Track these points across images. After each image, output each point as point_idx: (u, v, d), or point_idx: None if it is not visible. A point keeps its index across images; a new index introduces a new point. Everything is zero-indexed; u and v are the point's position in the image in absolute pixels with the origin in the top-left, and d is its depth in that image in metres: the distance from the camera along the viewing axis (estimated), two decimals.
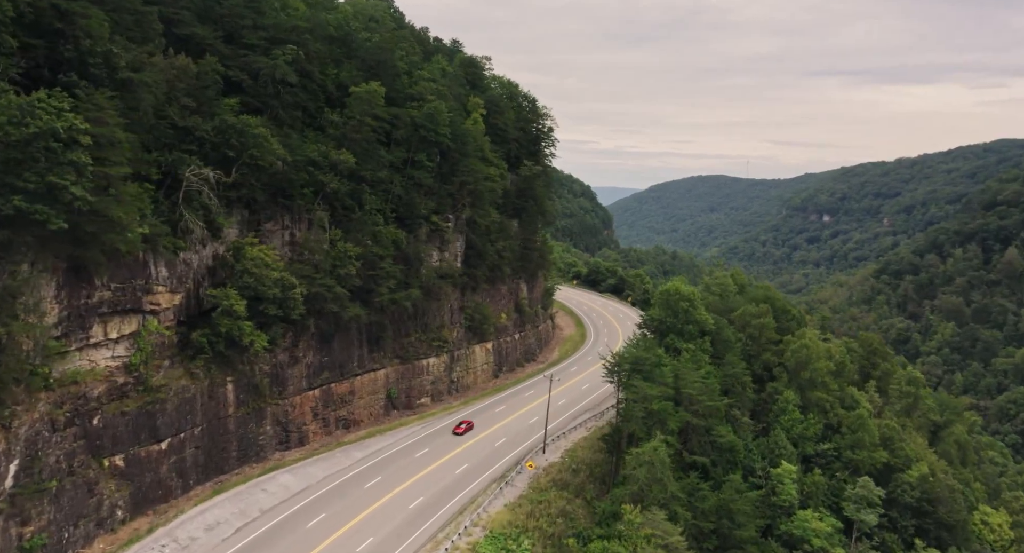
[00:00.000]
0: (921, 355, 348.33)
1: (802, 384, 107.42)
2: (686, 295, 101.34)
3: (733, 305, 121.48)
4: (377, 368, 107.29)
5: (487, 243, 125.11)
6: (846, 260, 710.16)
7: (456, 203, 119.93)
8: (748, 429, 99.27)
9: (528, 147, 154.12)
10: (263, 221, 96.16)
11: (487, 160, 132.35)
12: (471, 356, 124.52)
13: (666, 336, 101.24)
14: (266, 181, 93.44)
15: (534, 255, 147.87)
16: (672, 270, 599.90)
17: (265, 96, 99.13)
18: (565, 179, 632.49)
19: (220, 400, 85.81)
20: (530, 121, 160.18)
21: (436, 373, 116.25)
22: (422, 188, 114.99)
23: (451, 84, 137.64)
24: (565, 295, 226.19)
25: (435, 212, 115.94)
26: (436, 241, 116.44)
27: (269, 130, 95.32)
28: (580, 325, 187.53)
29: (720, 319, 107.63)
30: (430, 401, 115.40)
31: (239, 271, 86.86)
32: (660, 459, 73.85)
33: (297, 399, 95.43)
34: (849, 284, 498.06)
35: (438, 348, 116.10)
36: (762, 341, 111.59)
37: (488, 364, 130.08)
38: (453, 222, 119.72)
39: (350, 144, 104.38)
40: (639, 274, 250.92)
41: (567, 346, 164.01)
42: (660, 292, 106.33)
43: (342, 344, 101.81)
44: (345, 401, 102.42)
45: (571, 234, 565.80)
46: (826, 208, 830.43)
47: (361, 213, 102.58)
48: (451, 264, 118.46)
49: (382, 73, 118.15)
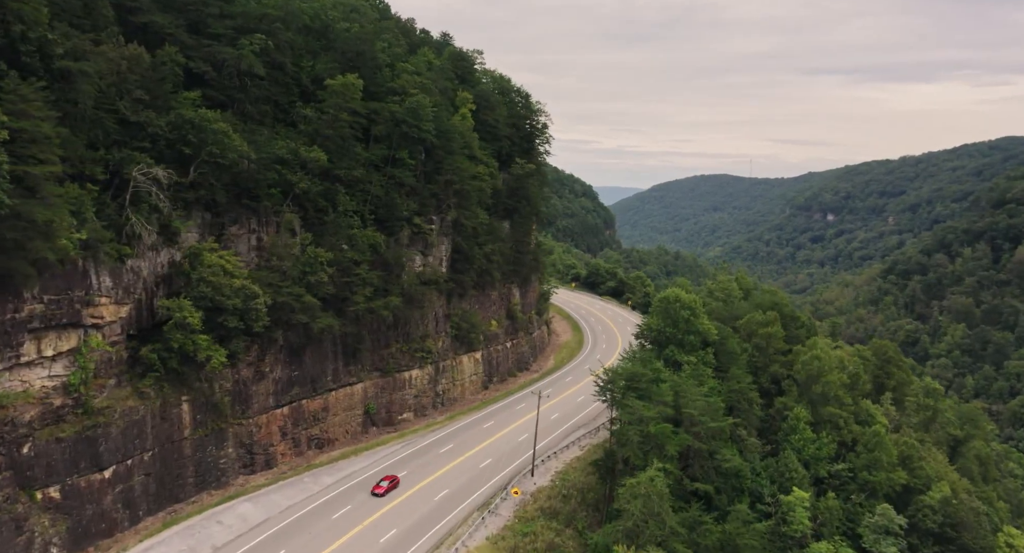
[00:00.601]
0: (930, 358, 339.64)
1: (813, 399, 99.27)
2: (687, 303, 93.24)
3: (738, 312, 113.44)
4: (354, 382, 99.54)
5: (475, 246, 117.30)
6: (851, 259, 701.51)
7: (441, 204, 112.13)
8: (755, 450, 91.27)
9: (521, 145, 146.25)
10: (227, 224, 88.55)
11: (475, 158, 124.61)
12: (458, 367, 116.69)
13: (665, 348, 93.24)
14: (229, 181, 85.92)
15: (527, 258, 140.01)
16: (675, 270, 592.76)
17: (230, 89, 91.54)
18: (566, 179, 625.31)
19: (174, 421, 78.07)
20: (523, 117, 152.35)
21: (419, 386, 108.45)
22: (403, 188, 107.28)
23: (437, 78, 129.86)
24: (563, 298, 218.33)
25: (418, 214, 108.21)
26: (419, 245, 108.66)
27: (234, 126, 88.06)
28: (577, 330, 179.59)
29: (724, 328, 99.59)
30: (413, 416, 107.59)
31: (195, 280, 79.17)
32: (657, 491, 66.00)
33: (263, 418, 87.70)
34: (855, 284, 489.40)
35: (421, 359, 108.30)
36: (770, 352, 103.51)
37: (477, 375, 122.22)
38: (438, 224, 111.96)
39: (323, 141, 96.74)
40: (640, 276, 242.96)
41: (563, 353, 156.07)
42: (658, 300, 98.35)
43: (314, 357, 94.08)
44: (318, 419, 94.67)
45: (572, 234, 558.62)
46: (830, 207, 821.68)
47: (334, 215, 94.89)
48: (435, 269, 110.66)
49: (361, 65, 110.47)
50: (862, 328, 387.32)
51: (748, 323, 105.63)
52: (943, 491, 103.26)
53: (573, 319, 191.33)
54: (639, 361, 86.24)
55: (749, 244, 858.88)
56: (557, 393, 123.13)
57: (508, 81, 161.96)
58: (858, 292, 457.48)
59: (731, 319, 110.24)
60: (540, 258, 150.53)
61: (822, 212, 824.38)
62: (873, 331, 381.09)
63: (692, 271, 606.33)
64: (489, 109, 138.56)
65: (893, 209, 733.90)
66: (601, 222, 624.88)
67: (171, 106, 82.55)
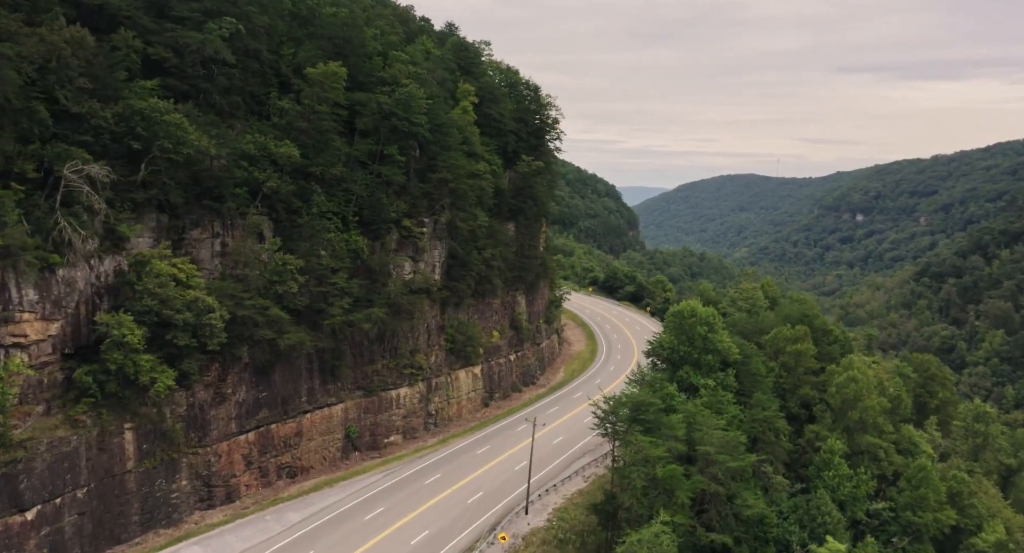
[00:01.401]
0: (968, 365, 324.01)
1: (850, 426, 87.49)
2: (704, 317, 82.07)
3: (763, 325, 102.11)
4: (332, 403, 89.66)
5: (472, 251, 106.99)
6: (881, 261, 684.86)
7: (434, 204, 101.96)
8: (783, 489, 79.90)
9: (528, 141, 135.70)
10: (188, 228, 79.11)
11: (475, 155, 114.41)
12: (454, 383, 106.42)
13: (679, 368, 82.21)
14: (187, 179, 76.53)
15: (534, 263, 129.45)
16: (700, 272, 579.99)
17: (195, 79, 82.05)
18: (589, 179, 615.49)
19: (115, 452, 68.57)
20: (532, 112, 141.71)
21: (409, 406, 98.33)
22: (391, 187, 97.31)
23: (435, 68, 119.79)
24: (579, 304, 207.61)
25: (408, 215, 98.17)
26: (408, 249, 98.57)
27: (194, 118, 78.72)
28: (592, 339, 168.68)
29: (747, 345, 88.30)
30: (401, 439, 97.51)
31: (139, 291, 69.63)
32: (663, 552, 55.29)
33: (224, 446, 78.00)
34: (886, 287, 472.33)
35: (411, 376, 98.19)
36: (799, 372, 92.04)
37: (476, 392, 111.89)
38: (430, 227, 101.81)
39: (298, 135, 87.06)
40: (660, 280, 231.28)
41: (574, 365, 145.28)
42: (672, 314, 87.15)
43: (286, 376, 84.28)
44: (289, 445, 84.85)
45: (595, 235, 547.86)
46: (859, 207, 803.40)
47: (309, 217, 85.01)
48: (427, 276, 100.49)
49: (348, 53, 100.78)
50: (895, 333, 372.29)
51: (775, 339, 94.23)
52: (997, 532, 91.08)
53: (588, 327, 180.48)
54: (647, 386, 75.45)
55: (776, 245, 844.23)
56: (563, 412, 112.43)
57: (516, 73, 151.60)
58: (890, 295, 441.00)
59: (756, 333, 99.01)
60: (549, 263, 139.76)
61: (851, 212, 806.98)
62: (906, 337, 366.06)
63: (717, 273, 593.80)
64: (493, 102, 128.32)
65: (925, 209, 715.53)
66: (624, 223, 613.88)
67: (122, 96, 73.40)
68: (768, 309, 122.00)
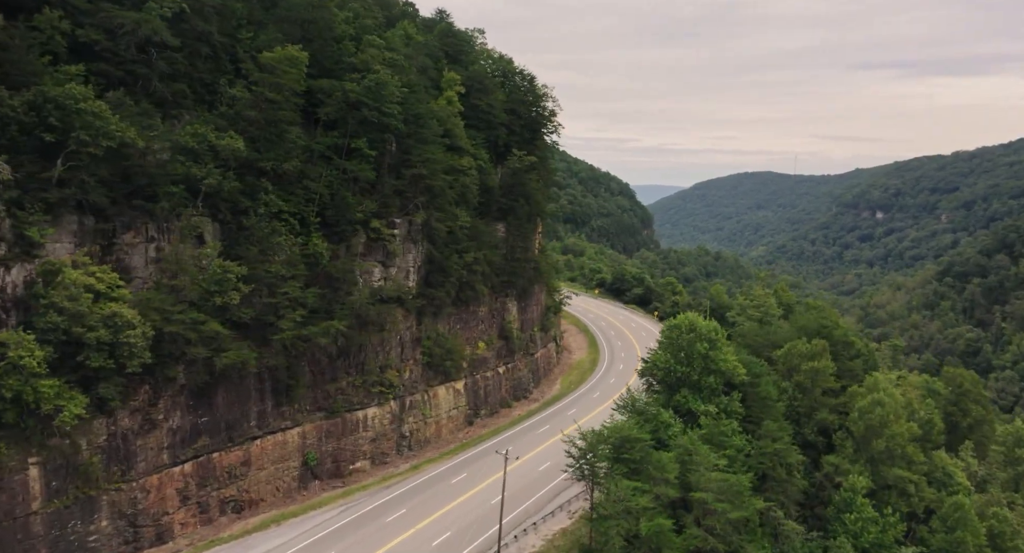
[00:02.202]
0: (994, 369, 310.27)
1: (874, 457, 76.19)
2: (704, 332, 71.36)
3: (776, 337, 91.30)
4: (287, 427, 79.90)
5: (453, 254, 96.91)
6: (902, 259, 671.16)
7: (407, 204, 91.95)
8: (797, 537, 69.02)
9: (522, 134, 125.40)
10: (118, 232, 69.62)
11: (459, 149, 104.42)
12: (431, 402, 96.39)
13: (676, 392, 71.61)
14: (114, 177, 67.18)
15: (527, 267, 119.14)
16: (715, 272, 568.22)
17: (131, 64, 72.55)
18: (602, 177, 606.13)
19: (16, 491, 59.09)
20: (527, 103, 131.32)
21: (378, 428, 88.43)
22: (358, 184, 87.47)
23: (416, 55, 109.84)
24: (583, 307, 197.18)
25: (377, 215, 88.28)
26: (378, 254, 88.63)
27: (128, 108, 69.34)
28: (593, 346, 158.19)
29: (756, 363, 77.46)
30: (369, 465, 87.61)
31: (44, 305, 60.14)
32: None
33: (153, 480, 68.37)
34: (907, 287, 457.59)
35: (381, 395, 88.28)
36: (816, 393, 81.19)
37: (458, 409, 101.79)
38: (404, 228, 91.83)
39: (247, 126, 77.37)
40: (670, 282, 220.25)
41: (572, 376, 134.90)
42: (667, 328, 76.33)
43: (231, 398, 74.57)
44: (235, 475, 75.12)
45: (608, 235, 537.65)
46: (879, 204, 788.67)
47: (257, 218, 75.21)
48: (400, 284, 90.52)
49: (314, 37, 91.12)
50: (917, 336, 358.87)
51: (788, 355, 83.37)
52: None
53: (591, 332, 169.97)
54: (637, 414, 65.09)
55: (794, 243, 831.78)
56: (554, 431, 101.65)
57: (509, 62, 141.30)
58: (911, 296, 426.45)
59: (767, 347, 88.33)
60: (543, 266, 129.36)
61: (871, 210, 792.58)
62: (929, 339, 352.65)
63: (733, 272, 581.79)
64: (483, 93, 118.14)
65: (946, 206, 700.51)
66: (638, 221, 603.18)
67: (36, 83, 64.14)
68: (782, 317, 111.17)
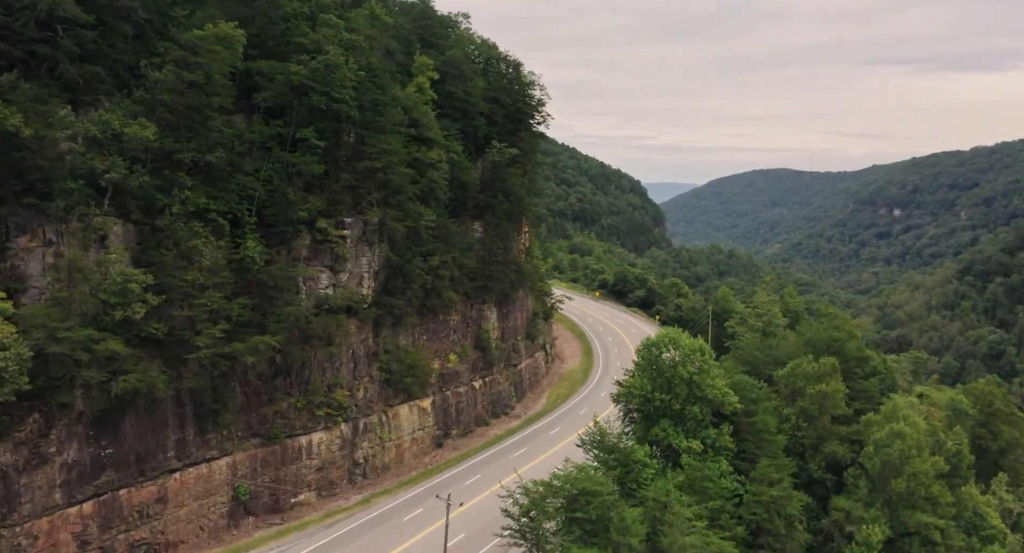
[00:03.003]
0: (1018, 373, 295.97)
1: (893, 499, 64.47)
2: (689, 351, 60.09)
3: (779, 352, 79.81)
4: (213, 457, 69.63)
5: (415, 257, 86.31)
6: (920, 257, 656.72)
7: (360, 201, 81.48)
8: None
9: (504, 125, 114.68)
10: (12, 234, 59.82)
11: (427, 140, 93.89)
12: (390, 423, 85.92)
13: (655, 423, 60.53)
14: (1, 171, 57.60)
15: (507, 270, 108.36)
16: (728, 270, 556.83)
17: (32, 43, 62.62)
18: (612, 174, 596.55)
19: None
20: (512, 92, 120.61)
21: (325, 455, 78.00)
22: (302, 178, 77.11)
23: (381, 36, 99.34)
24: (581, 311, 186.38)
25: (325, 214, 77.87)
26: (325, 258, 78.18)
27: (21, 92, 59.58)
28: (588, 353, 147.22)
29: (752, 386, 65.63)
30: (315, 497, 77.22)
31: None
32: None
33: (43, 522, 58.21)
34: (926, 286, 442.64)
35: (328, 418, 77.88)
36: (824, 422, 69.51)
37: (424, 430, 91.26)
38: (358, 228, 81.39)
39: (165, 112, 67.22)
40: (675, 283, 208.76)
41: (561, 389, 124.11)
42: (643, 347, 65.02)
43: (142, 426, 64.38)
44: (148, 515, 64.86)
45: (618, 233, 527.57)
46: (896, 201, 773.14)
47: (171, 218, 64.95)
48: (352, 291, 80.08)
49: (258, 14, 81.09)
50: (937, 337, 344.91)
51: (792, 376, 71.91)
52: None
53: (586, 338, 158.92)
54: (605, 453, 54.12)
55: (810, 241, 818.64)
56: (532, 454, 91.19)
57: (494, 48, 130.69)
58: (930, 295, 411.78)
59: (769, 364, 77.00)
60: (527, 269, 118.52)
61: (888, 207, 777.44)
62: (950, 341, 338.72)
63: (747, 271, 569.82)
64: (460, 80, 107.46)
65: (965, 203, 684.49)
66: (649, 219, 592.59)
67: None
68: (788, 327, 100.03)
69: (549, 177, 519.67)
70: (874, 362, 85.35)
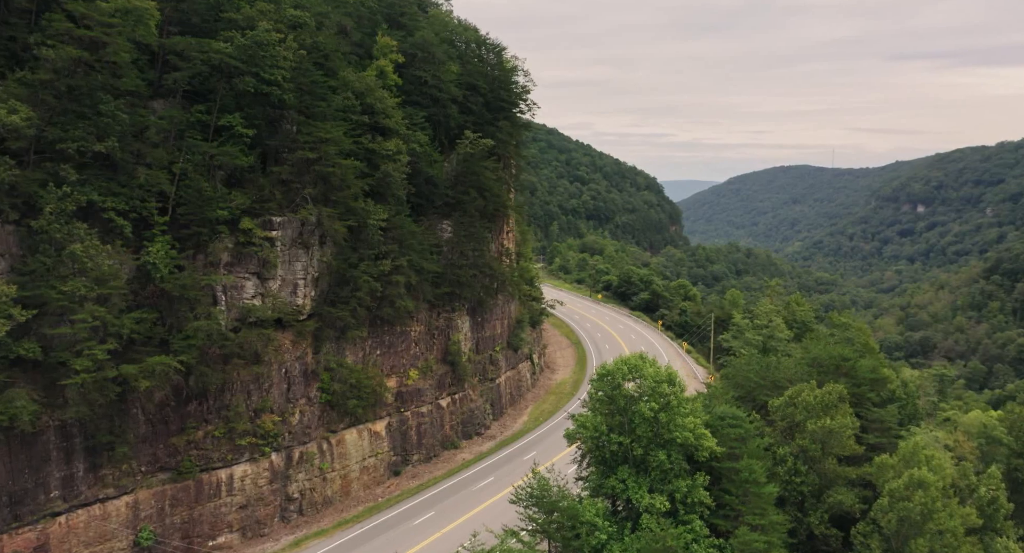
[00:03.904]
0: None
1: None
2: (655, 382, 47.91)
3: (778, 374, 67.90)
4: (110, 496, 59.53)
5: (362, 261, 75.77)
6: (944, 255, 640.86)
7: (294, 197, 71.10)
8: None
9: (481, 114, 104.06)
10: None
11: (383, 129, 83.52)
12: (334, 451, 75.48)
13: (614, 471, 48.94)
14: None
15: (480, 274, 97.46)
16: (746, 269, 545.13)
17: None
18: (628, 171, 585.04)
19: None
20: (493, 79, 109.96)
21: (251, 490, 67.68)
22: (223, 172, 66.93)
23: (336, 14, 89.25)
24: (581, 314, 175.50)
25: (251, 213, 67.62)
26: (251, 263, 67.83)
27: None
28: (582, 363, 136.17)
29: (741, 420, 53.86)
30: (239, 539, 66.95)
31: None
32: None
33: None
34: (951, 285, 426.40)
35: (254, 447, 67.59)
36: (829, 463, 57.68)
37: (378, 457, 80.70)
38: (294, 229, 71.00)
39: (48, 94, 57.23)
40: (682, 284, 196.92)
41: (547, 403, 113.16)
42: (599, 376, 52.95)
43: (16, 462, 54.38)
44: None
45: (633, 231, 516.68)
46: (920, 198, 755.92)
47: (48, 219, 54.85)
48: (285, 301, 69.78)
49: None
50: (963, 340, 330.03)
51: (790, 406, 59.96)
52: None
53: (583, 346, 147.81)
54: (544, 512, 43.28)
55: (831, 238, 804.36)
56: (497, 486, 79.79)
57: (474, 31, 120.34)
58: (956, 295, 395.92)
59: (766, 388, 65.40)
60: (505, 272, 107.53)
61: (911, 203, 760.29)
62: (976, 344, 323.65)
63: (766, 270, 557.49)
64: (429, 64, 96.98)
65: (991, 199, 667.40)
66: (666, 217, 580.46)
67: None
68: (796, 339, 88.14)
69: (562, 175, 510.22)
70: (892, 386, 73.05)
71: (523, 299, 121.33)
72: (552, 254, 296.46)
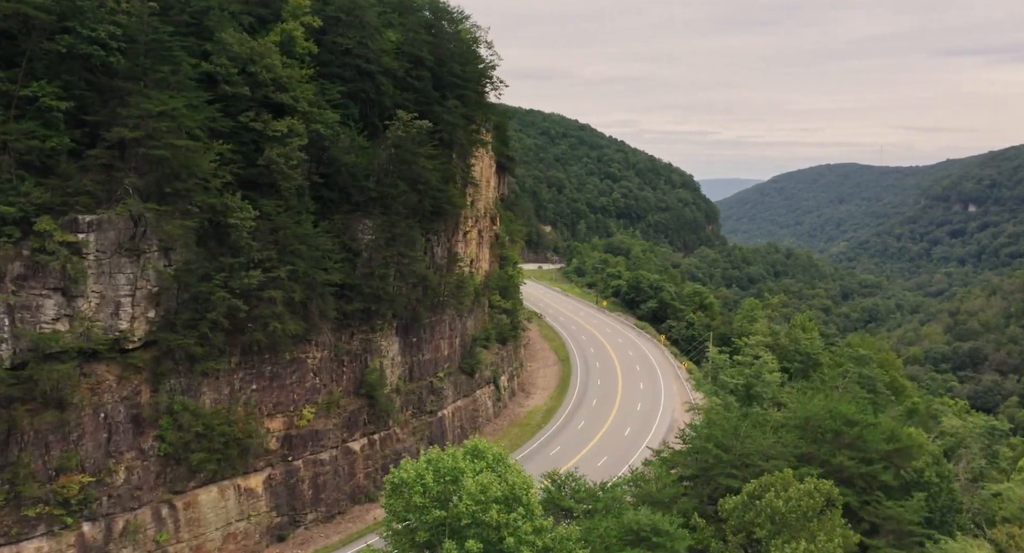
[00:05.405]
0: None
1: None
2: (479, 492, 27.90)
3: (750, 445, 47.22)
4: None
5: (218, 273, 58.67)
6: (997, 257, 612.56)
7: (114, 188, 54.28)
8: None
9: (425, 93, 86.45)
10: None
11: (281, 107, 66.65)
12: (184, 516, 58.55)
13: None
14: None
15: (412, 286, 79.91)
16: (785, 271, 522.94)
17: None
18: (663, 168, 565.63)
19: None
20: (448, 52, 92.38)
21: None
22: (6, 156, 50.45)
23: None
24: (580, 325, 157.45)
25: (52, 210, 51.00)
26: (50, 276, 51.15)
27: None
28: (565, 384, 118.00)
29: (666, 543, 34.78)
30: None
31: None
32: None
33: None
34: (1004, 289, 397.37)
35: (51, 518, 50.96)
36: None
37: (251, 520, 63.60)
38: (120, 231, 54.22)
39: None
40: (697, 291, 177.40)
41: (507, 439, 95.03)
42: (389, 487, 33.48)
43: None
44: None
45: (666, 230, 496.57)
46: (972, 197, 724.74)
47: None
48: (101, 325, 53.04)
49: None
50: (1016, 352, 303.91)
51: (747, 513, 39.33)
52: None
53: (571, 363, 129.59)
54: None
55: (878, 239, 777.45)
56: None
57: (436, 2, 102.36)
58: (1009, 301, 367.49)
59: (734, 467, 45.81)
60: (454, 282, 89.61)
61: (962, 203, 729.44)
62: None
63: (806, 272, 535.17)
64: (355, 29, 79.61)
65: None
66: (702, 216, 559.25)
67: None
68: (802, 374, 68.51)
69: (592, 172, 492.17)
70: (920, 463, 50.98)
71: (491, 312, 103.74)
72: (571, 254, 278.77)
